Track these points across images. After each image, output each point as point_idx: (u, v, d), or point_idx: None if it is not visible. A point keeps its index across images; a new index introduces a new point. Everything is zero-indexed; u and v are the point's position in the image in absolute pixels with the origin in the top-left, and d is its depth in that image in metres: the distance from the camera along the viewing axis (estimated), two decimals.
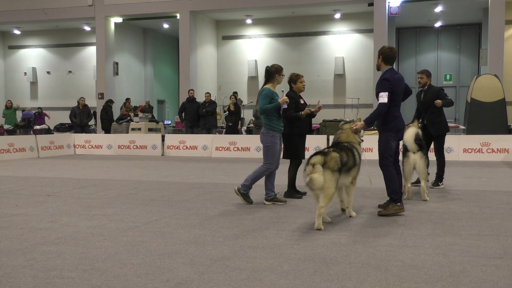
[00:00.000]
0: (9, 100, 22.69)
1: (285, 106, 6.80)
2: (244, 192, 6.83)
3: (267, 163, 6.72)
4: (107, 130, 19.23)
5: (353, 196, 6.01)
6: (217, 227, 5.44)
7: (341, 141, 6.04)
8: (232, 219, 5.85)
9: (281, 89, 6.99)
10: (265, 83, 6.87)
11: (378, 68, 6.40)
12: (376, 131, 6.59)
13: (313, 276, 3.76)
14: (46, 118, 22.82)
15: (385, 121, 6.18)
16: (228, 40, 24.92)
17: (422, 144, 7.35)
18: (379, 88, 6.16)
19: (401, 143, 7.78)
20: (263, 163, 6.79)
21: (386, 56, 6.24)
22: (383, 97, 6.07)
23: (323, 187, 5.24)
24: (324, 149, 5.85)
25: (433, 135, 8.22)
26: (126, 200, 7.27)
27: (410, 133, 7.32)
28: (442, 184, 8.36)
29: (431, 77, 8.34)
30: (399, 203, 6.08)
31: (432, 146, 8.34)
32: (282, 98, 6.75)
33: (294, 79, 7.31)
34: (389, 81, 6.08)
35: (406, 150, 7.33)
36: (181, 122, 18.75)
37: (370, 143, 11.14)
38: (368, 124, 6.18)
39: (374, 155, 6.67)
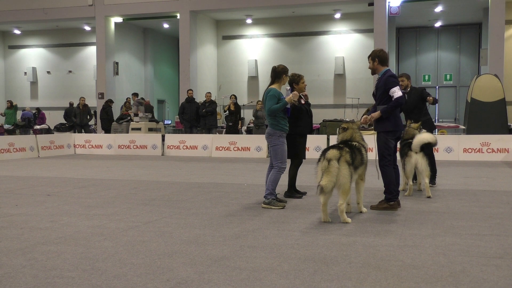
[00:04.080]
0: (8, 100, 22.70)
1: (288, 106, 6.76)
2: (269, 200, 6.58)
3: (278, 163, 6.63)
4: (107, 130, 19.22)
5: (363, 193, 6.24)
6: (217, 227, 5.44)
7: (346, 139, 6.11)
8: (232, 219, 5.85)
9: (286, 88, 6.95)
10: (271, 83, 6.81)
11: (374, 72, 6.49)
12: (375, 132, 6.60)
13: (313, 276, 3.76)
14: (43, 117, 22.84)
15: (385, 120, 6.24)
16: (228, 40, 24.91)
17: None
18: (388, 85, 6.19)
19: (398, 143, 7.84)
20: (273, 165, 6.68)
21: (382, 59, 6.40)
22: (397, 91, 6.14)
23: (339, 185, 5.50)
24: (335, 144, 6.00)
25: None
26: (126, 200, 7.27)
27: (421, 138, 7.34)
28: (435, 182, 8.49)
29: (410, 79, 8.49)
30: (392, 203, 6.31)
31: None
32: (289, 96, 6.69)
33: (297, 79, 7.27)
34: (395, 77, 6.31)
35: (408, 149, 7.38)
36: (180, 123, 18.72)
37: (369, 143, 11.10)
38: (384, 114, 6.18)
39: (373, 155, 6.68)
